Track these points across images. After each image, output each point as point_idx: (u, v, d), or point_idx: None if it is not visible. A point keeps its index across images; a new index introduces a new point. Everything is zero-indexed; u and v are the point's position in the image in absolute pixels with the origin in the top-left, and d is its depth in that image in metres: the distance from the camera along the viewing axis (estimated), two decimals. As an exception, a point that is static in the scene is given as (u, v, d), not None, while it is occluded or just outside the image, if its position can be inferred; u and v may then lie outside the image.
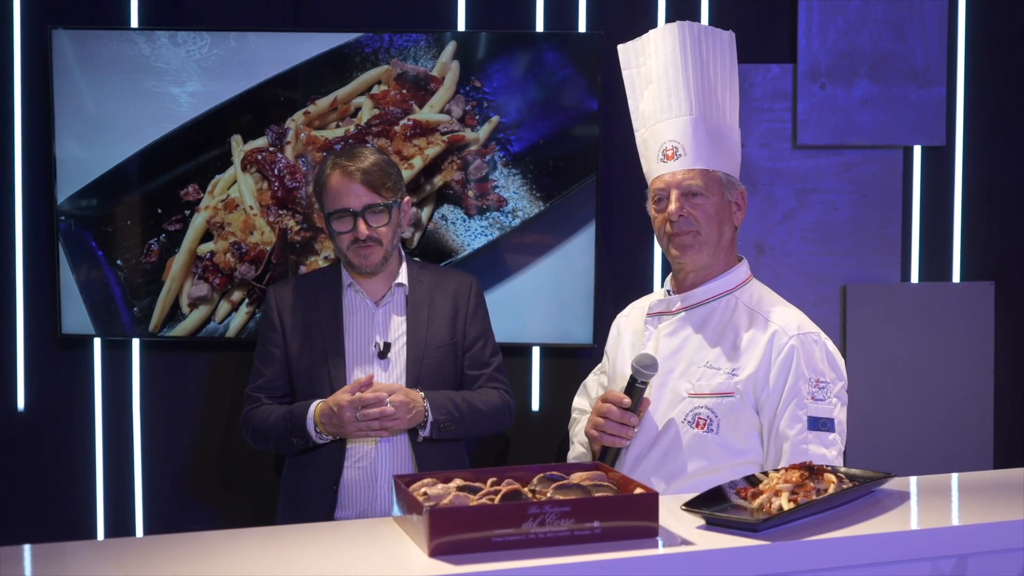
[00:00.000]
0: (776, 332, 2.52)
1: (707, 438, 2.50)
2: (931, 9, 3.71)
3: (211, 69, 3.58)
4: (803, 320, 2.57)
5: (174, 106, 3.61)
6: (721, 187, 2.58)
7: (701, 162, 2.56)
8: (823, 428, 2.45)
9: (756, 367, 2.50)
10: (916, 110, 3.73)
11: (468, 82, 3.58)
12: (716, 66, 2.65)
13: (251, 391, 3.00)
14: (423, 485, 2.02)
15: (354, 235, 2.85)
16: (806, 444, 2.44)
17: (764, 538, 1.91)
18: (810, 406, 2.46)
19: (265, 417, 2.93)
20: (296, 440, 2.85)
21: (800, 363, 2.48)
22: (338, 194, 2.86)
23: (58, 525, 3.74)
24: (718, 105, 2.62)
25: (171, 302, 3.66)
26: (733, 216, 2.62)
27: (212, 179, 3.63)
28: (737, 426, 2.51)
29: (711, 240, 2.57)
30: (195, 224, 3.64)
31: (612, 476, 2.09)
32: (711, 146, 2.57)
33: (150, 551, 1.99)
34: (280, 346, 2.96)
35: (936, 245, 3.81)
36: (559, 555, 1.83)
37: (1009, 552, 2.00)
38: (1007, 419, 3.82)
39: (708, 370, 2.53)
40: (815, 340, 2.52)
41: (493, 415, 2.99)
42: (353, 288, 2.94)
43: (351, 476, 2.87)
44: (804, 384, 2.47)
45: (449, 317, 2.97)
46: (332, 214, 2.87)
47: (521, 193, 3.62)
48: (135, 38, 3.59)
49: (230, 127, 3.62)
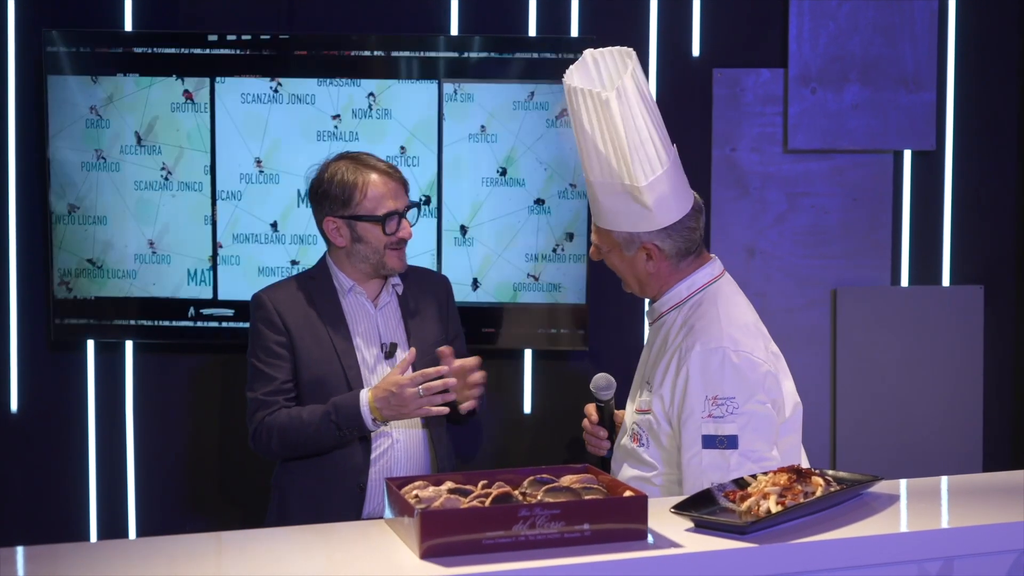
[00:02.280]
0: (682, 348, 2.45)
1: (639, 451, 2.51)
2: (921, 14, 3.73)
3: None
4: (711, 334, 2.45)
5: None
6: (618, 245, 2.54)
7: (600, 221, 2.54)
8: (720, 446, 2.36)
9: (663, 385, 2.46)
10: (906, 114, 3.75)
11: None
12: (613, 117, 2.44)
13: (264, 396, 2.88)
14: (414, 488, 2.03)
15: (400, 236, 2.85)
16: (700, 462, 2.37)
17: (752, 540, 1.92)
18: (704, 424, 2.38)
19: (295, 417, 2.85)
20: (344, 432, 2.79)
21: (694, 381, 2.40)
22: (384, 196, 2.84)
23: (51, 527, 3.74)
24: (613, 167, 2.47)
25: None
26: (644, 264, 2.53)
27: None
28: (658, 441, 2.48)
29: (631, 282, 2.58)
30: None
31: (602, 479, 2.10)
32: (608, 207, 2.51)
33: (143, 553, 1.99)
34: (287, 347, 2.92)
35: (926, 249, 3.83)
36: (549, 557, 1.83)
37: (996, 554, 2.01)
38: (996, 422, 3.84)
39: (645, 385, 2.54)
40: (715, 356, 2.41)
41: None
42: (355, 291, 2.94)
43: (373, 475, 2.86)
44: (699, 403, 2.39)
45: (437, 314, 3.00)
46: (384, 217, 2.84)
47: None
48: (129, 40, 3.61)
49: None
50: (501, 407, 3.77)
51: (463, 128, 3.66)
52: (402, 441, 2.88)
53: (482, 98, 3.65)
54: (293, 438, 2.84)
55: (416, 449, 2.91)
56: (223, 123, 3.64)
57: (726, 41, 3.76)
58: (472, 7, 3.71)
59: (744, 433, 2.38)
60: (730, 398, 2.39)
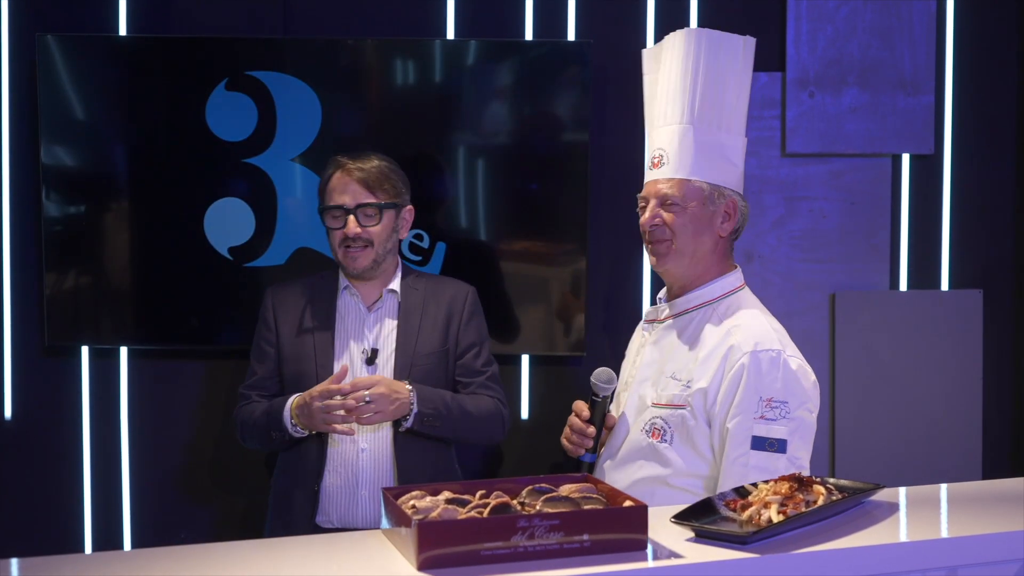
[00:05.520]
0: (732, 347, 2.46)
1: (659, 448, 2.50)
2: (919, 17, 3.72)
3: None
4: (765, 337, 2.47)
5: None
6: (701, 197, 2.55)
7: (682, 172, 2.55)
8: (769, 448, 2.38)
9: (708, 381, 2.46)
10: (904, 118, 3.74)
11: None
12: (724, 75, 2.62)
13: (243, 389, 3.03)
14: (411, 498, 2.01)
15: (344, 232, 2.88)
16: (746, 464, 2.39)
17: (753, 551, 1.90)
18: (756, 425, 2.39)
19: (251, 412, 2.97)
20: (275, 434, 2.87)
21: (749, 382, 2.42)
22: (334, 191, 2.91)
23: (45, 535, 3.72)
24: (716, 114, 2.59)
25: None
26: (717, 226, 2.57)
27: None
28: (689, 438, 2.48)
29: (685, 250, 2.55)
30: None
31: (601, 488, 2.08)
32: (698, 156, 2.55)
33: (138, 564, 1.98)
34: (273, 345, 2.99)
35: (924, 253, 3.81)
36: (548, 568, 1.82)
37: (1000, 564, 2.00)
38: (996, 428, 3.83)
39: (672, 381, 2.53)
40: (772, 359, 2.44)
41: (484, 421, 2.98)
42: (348, 291, 2.97)
43: (332, 481, 2.88)
44: (752, 403, 2.41)
45: (442, 325, 2.98)
46: (326, 209, 2.92)
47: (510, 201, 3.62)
48: (123, 44, 3.59)
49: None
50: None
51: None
52: (368, 451, 2.90)
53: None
54: (248, 432, 2.99)
55: (383, 459, 2.91)
56: (218, 127, 3.61)
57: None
58: (468, 11, 3.69)
59: (792, 439, 2.40)
60: (783, 402, 2.40)
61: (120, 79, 3.61)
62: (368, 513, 2.87)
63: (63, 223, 3.62)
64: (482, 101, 3.60)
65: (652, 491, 2.45)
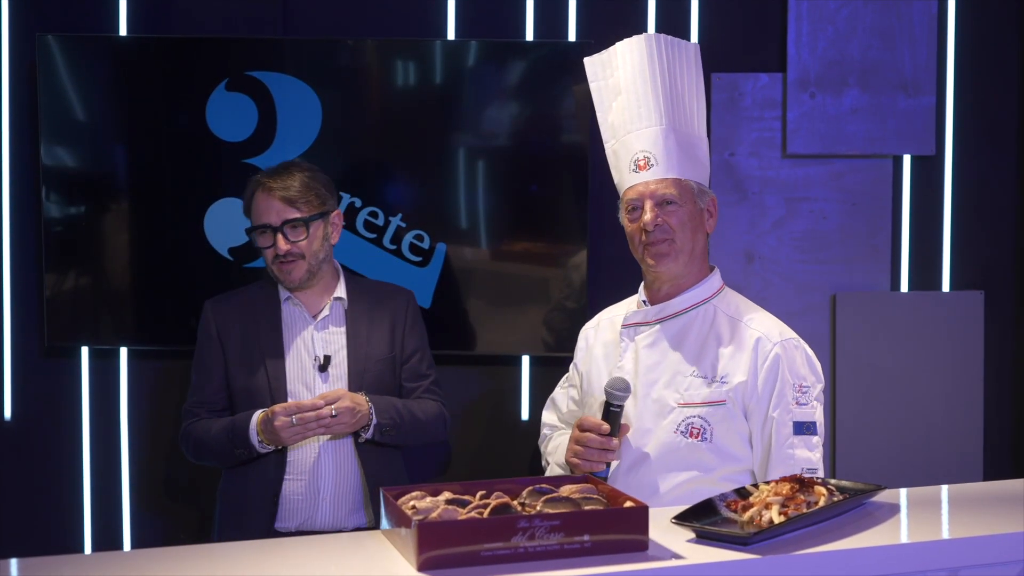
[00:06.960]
0: (760, 339, 2.56)
1: (701, 447, 2.53)
2: (920, 18, 3.72)
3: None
4: (782, 326, 2.62)
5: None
6: (693, 195, 2.61)
7: (673, 171, 2.60)
8: (807, 432, 2.52)
9: (745, 375, 2.53)
10: (905, 119, 3.73)
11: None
12: (683, 77, 2.69)
13: (189, 407, 3.01)
14: (411, 498, 2.01)
15: (274, 251, 2.89)
16: (792, 449, 2.50)
17: (754, 552, 1.90)
18: (795, 411, 2.51)
19: (206, 430, 2.95)
20: (240, 451, 2.87)
21: (784, 369, 2.53)
22: (258, 211, 2.92)
23: (45, 535, 3.72)
24: (686, 115, 2.67)
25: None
26: (705, 223, 2.65)
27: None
28: (730, 433, 2.54)
29: (685, 248, 2.59)
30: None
31: (602, 489, 2.08)
32: (681, 156, 2.61)
33: (138, 564, 1.98)
34: (219, 360, 2.98)
35: (926, 254, 3.81)
36: (549, 569, 1.82)
37: (1001, 565, 1.99)
38: (997, 429, 3.82)
39: (696, 379, 2.56)
40: (796, 346, 2.58)
41: (431, 425, 3.03)
42: (291, 302, 2.97)
43: (292, 488, 2.89)
44: (789, 390, 2.53)
45: (388, 331, 3.01)
46: (253, 229, 2.93)
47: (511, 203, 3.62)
48: (123, 44, 3.58)
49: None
50: (499, 414, 3.75)
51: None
52: (330, 455, 2.89)
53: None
54: (204, 450, 2.98)
55: (346, 464, 2.93)
56: (218, 127, 3.61)
57: (724, 45, 3.73)
58: (469, 11, 3.69)
59: (820, 417, 2.56)
60: (809, 386, 2.56)
61: (120, 79, 3.61)
62: (328, 518, 2.90)
63: (63, 223, 3.62)
64: (483, 102, 3.60)
65: (695, 490, 2.45)
